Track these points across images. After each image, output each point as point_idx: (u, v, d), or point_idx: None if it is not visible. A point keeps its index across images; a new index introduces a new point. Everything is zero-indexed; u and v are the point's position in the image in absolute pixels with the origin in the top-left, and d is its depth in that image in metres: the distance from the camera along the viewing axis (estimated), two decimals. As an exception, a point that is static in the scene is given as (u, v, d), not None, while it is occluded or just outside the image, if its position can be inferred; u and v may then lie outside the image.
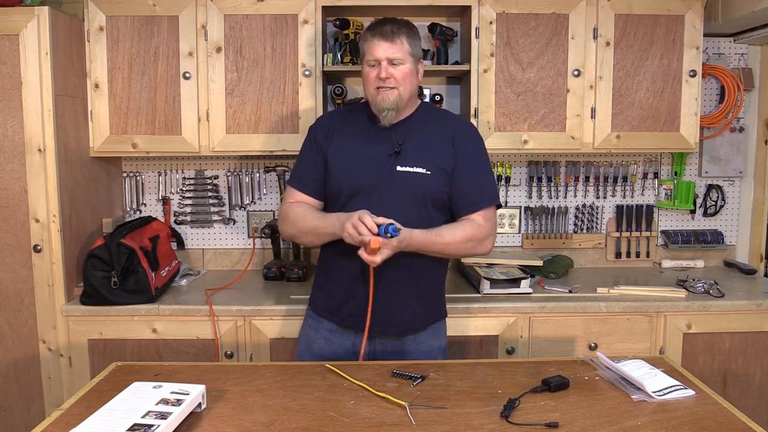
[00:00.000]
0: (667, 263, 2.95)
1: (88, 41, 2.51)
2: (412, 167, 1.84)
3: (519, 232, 2.98)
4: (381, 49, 1.82)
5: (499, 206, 1.96)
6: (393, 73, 1.82)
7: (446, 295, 2.41)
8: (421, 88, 2.74)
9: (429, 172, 1.84)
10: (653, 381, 1.53)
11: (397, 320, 1.90)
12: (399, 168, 1.84)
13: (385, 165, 1.85)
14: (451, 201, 1.89)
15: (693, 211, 2.99)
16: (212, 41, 2.51)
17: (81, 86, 2.50)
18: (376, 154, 1.87)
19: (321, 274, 2.01)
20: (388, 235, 1.66)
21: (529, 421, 1.38)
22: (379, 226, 1.67)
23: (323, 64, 2.55)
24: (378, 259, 1.70)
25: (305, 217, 1.89)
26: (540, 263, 2.76)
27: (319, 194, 1.95)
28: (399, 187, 1.83)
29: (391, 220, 1.69)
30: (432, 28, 2.71)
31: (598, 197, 2.97)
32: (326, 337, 1.95)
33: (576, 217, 2.98)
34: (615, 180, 2.94)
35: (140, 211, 2.92)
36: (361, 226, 1.68)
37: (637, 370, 1.58)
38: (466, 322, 2.36)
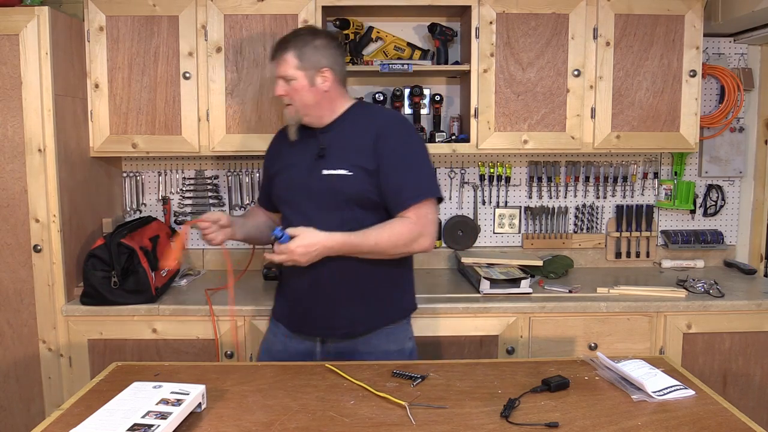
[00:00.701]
0: (667, 263, 2.95)
1: (88, 41, 2.51)
2: (335, 169, 1.85)
3: (519, 232, 2.98)
4: (273, 69, 1.92)
5: (440, 199, 1.89)
6: (286, 89, 1.89)
7: (446, 295, 2.43)
8: (420, 88, 2.74)
9: (351, 173, 1.83)
10: (653, 381, 1.53)
11: (336, 323, 1.90)
12: (324, 171, 1.86)
13: (311, 169, 1.88)
14: (384, 200, 1.86)
15: (693, 211, 2.99)
16: (212, 41, 2.51)
17: (81, 86, 2.50)
18: (303, 159, 1.92)
19: (280, 280, 2.07)
20: (272, 237, 1.74)
21: (529, 421, 1.38)
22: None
23: (323, 64, 2.54)
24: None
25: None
26: (540, 263, 2.76)
27: (268, 205, 2.14)
28: (323, 190, 1.85)
29: (284, 228, 1.76)
30: (432, 28, 2.71)
31: (598, 197, 2.97)
32: (282, 342, 1.98)
33: (576, 217, 2.98)
34: (615, 180, 2.94)
35: (140, 211, 2.92)
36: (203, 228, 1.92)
37: (637, 370, 1.58)
38: (466, 322, 2.36)
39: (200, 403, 1.42)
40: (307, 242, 1.72)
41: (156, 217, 2.82)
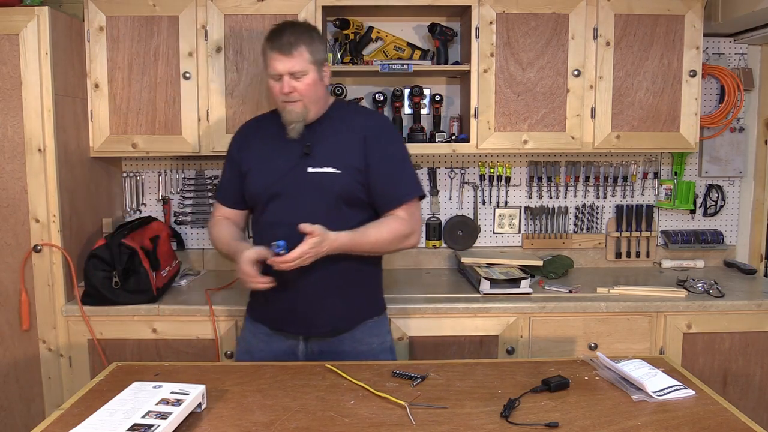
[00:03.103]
0: (667, 263, 2.95)
1: (88, 41, 2.51)
2: (323, 167, 1.83)
3: (519, 232, 2.98)
4: (281, 64, 1.80)
5: (423, 197, 1.96)
6: (296, 86, 1.81)
7: (446, 295, 2.43)
8: (420, 88, 2.74)
9: (340, 171, 1.84)
10: (653, 381, 1.53)
11: (320, 320, 1.90)
12: (310, 169, 1.84)
13: (295, 167, 1.86)
14: (373, 198, 1.89)
15: (693, 211, 2.99)
16: (212, 41, 2.51)
17: (81, 86, 2.50)
18: (287, 157, 1.88)
19: None
20: (282, 252, 1.72)
21: (529, 421, 1.38)
22: (270, 246, 1.74)
23: (323, 64, 2.54)
24: (294, 264, 1.74)
25: (220, 242, 1.98)
26: (540, 263, 2.76)
27: (238, 205, 2.02)
28: (310, 188, 1.84)
29: (278, 242, 1.72)
30: (432, 28, 2.71)
31: (598, 197, 2.97)
32: (264, 341, 1.96)
33: (576, 217, 2.98)
34: (615, 180, 2.94)
35: (140, 211, 2.92)
36: (246, 277, 1.78)
37: (637, 370, 1.58)
38: (466, 322, 2.36)
39: (200, 403, 1.42)
40: (320, 243, 1.73)
41: (156, 218, 2.82)
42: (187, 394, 1.39)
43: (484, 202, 2.96)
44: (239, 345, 2.09)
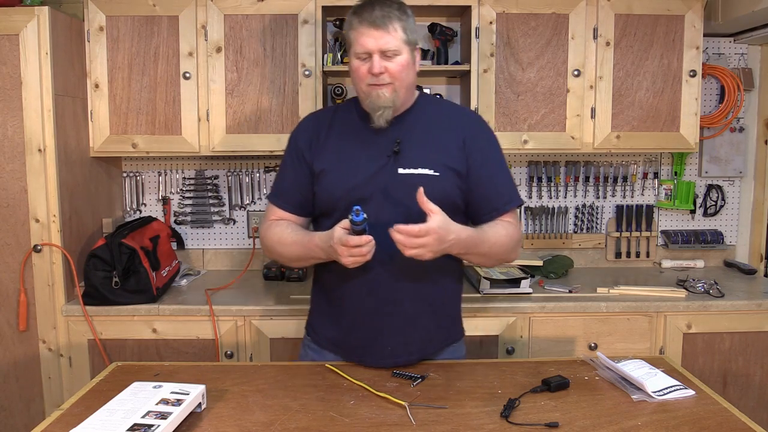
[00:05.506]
0: (667, 263, 2.95)
1: (88, 41, 2.51)
2: (416, 169, 1.59)
3: (519, 232, 2.98)
4: (371, 40, 1.56)
5: (521, 204, 1.77)
6: (388, 66, 1.56)
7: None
8: (420, 88, 2.73)
9: (437, 174, 1.60)
10: (653, 381, 1.53)
11: (408, 345, 1.67)
12: (401, 171, 1.59)
13: (383, 168, 1.61)
14: (471, 205, 1.66)
15: (693, 211, 2.99)
16: (212, 41, 2.51)
17: (81, 86, 2.50)
18: (372, 156, 1.62)
19: (320, 296, 1.77)
20: (363, 221, 1.43)
21: (529, 421, 1.38)
22: (351, 222, 1.44)
23: (323, 64, 2.55)
24: (414, 252, 1.45)
25: (284, 243, 1.66)
26: (540, 263, 2.76)
27: (303, 210, 1.72)
28: (402, 192, 1.57)
29: (354, 215, 1.43)
30: (432, 28, 2.71)
31: (597, 197, 2.97)
32: None
33: (576, 217, 2.98)
34: (615, 180, 2.94)
35: (140, 211, 2.92)
36: (352, 249, 1.46)
37: (637, 370, 1.58)
38: (466, 322, 2.32)
39: (200, 403, 1.42)
40: (447, 228, 1.46)
41: (156, 217, 2.82)
42: (187, 394, 1.39)
43: (484, 202, 2.95)
44: None
